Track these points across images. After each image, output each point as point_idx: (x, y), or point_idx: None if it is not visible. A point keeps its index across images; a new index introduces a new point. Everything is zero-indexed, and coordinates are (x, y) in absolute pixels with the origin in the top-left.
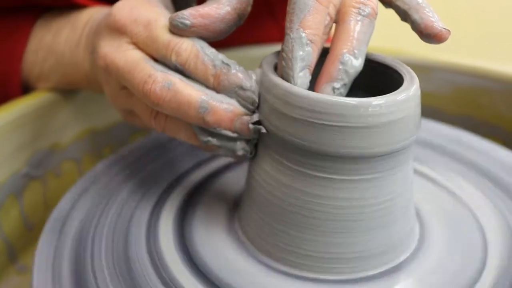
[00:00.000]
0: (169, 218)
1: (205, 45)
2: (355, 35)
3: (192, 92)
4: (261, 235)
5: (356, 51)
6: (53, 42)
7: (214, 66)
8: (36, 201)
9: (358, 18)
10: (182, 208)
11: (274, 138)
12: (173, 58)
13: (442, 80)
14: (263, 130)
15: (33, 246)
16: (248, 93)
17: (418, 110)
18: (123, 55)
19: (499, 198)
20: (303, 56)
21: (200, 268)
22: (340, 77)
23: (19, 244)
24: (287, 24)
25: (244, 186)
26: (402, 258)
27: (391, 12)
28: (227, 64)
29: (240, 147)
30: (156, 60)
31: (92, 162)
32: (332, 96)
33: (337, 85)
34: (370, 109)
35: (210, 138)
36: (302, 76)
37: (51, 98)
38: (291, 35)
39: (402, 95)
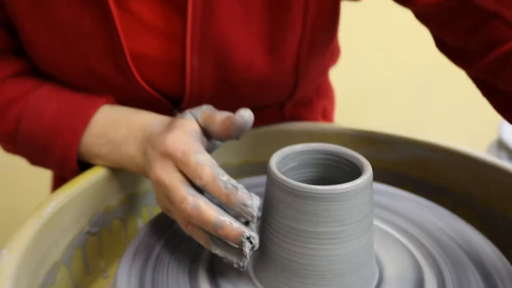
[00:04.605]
0: (204, 276)
1: (221, 171)
2: None
3: (211, 213)
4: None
5: None
6: (112, 134)
7: (226, 188)
8: (94, 252)
9: None
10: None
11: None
12: (198, 181)
13: (404, 151)
14: (255, 242)
15: (97, 281)
16: (249, 209)
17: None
18: (168, 176)
19: (429, 244)
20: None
21: None
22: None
23: (82, 284)
24: None
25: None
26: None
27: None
28: (236, 187)
29: (235, 261)
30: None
31: (134, 219)
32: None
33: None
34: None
35: (217, 252)
36: None
37: (106, 173)
38: None
39: (365, 177)
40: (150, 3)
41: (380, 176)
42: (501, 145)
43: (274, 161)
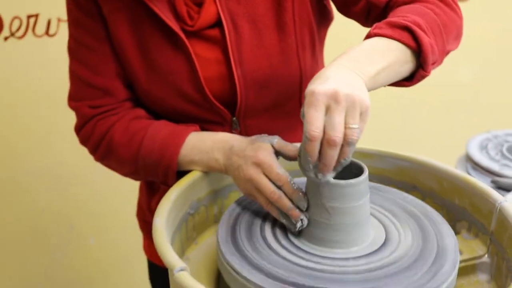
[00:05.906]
0: (269, 230)
1: (291, 179)
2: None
3: (286, 202)
4: (310, 238)
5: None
6: (201, 147)
7: (293, 189)
8: (190, 226)
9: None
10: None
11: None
12: (278, 182)
13: (390, 162)
14: (304, 222)
15: (191, 245)
16: (303, 203)
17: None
18: (259, 176)
19: (407, 216)
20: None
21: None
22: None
23: (184, 246)
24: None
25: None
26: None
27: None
28: (298, 189)
29: (292, 229)
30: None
31: (212, 206)
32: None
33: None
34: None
35: (283, 221)
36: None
37: (198, 176)
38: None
39: (364, 176)
40: (207, 47)
41: (374, 178)
42: (468, 159)
43: None
